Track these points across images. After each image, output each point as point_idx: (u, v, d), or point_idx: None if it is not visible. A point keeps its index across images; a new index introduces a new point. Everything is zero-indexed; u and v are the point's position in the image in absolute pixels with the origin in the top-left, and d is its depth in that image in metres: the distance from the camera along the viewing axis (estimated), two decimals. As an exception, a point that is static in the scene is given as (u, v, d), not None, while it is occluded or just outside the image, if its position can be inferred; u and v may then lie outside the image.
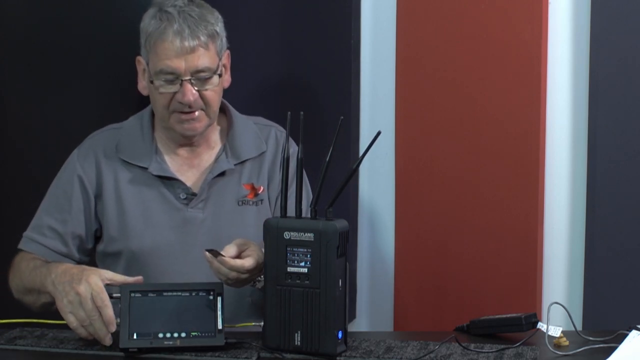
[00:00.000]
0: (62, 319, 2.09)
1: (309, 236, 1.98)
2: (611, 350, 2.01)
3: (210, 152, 2.40)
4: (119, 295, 2.04)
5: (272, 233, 2.01)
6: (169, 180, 2.34)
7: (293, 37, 2.84)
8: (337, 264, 1.97)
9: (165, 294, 2.05)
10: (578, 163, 2.70)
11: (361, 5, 2.86)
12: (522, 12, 2.65)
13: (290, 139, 2.09)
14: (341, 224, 2.00)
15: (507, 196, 2.70)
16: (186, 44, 2.23)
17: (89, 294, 2.02)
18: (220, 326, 2.04)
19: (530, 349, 2.05)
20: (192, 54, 2.24)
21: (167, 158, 2.37)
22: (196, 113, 2.29)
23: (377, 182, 2.88)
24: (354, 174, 2.07)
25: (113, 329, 2.02)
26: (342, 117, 2.04)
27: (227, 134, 2.41)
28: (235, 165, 2.37)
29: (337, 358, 1.99)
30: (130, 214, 2.33)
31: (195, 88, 2.26)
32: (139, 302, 2.04)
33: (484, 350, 2.03)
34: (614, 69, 2.62)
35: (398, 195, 2.83)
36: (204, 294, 2.06)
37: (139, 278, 2.11)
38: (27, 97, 2.77)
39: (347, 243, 2.01)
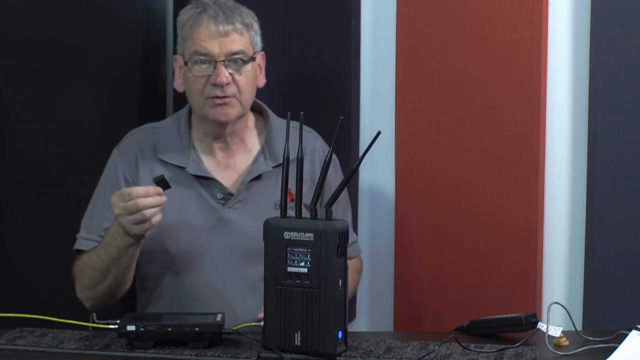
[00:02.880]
0: (61, 316, 2.11)
1: (309, 236, 1.98)
2: (611, 350, 2.00)
3: (247, 155, 2.40)
4: (115, 325, 2.05)
5: (272, 233, 2.01)
6: (206, 180, 2.35)
7: (293, 37, 2.84)
8: (337, 264, 1.97)
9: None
10: (578, 163, 2.70)
11: (361, 5, 2.86)
12: (522, 12, 2.65)
13: (322, 141, 2.10)
14: (341, 224, 1.99)
15: (507, 196, 2.70)
16: (221, 28, 2.29)
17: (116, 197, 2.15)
18: (219, 318, 2.07)
19: (530, 349, 2.04)
20: (226, 37, 2.29)
21: (203, 158, 2.37)
22: (229, 98, 2.30)
23: (377, 182, 2.88)
24: (353, 174, 2.07)
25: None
26: (342, 117, 2.03)
27: (265, 136, 2.42)
28: (273, 167, 2.38)
29: (337, 358, 1.99)
30: (167, 212, 2.30)
31: (230, 70, 2.29)
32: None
33: (484, 350, 2.02)
34: (614, 69, 2.62)
35: (398, 196, 2.83)
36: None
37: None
38: (27, 97, 2.76)
39: (347, 243, 2.01)
